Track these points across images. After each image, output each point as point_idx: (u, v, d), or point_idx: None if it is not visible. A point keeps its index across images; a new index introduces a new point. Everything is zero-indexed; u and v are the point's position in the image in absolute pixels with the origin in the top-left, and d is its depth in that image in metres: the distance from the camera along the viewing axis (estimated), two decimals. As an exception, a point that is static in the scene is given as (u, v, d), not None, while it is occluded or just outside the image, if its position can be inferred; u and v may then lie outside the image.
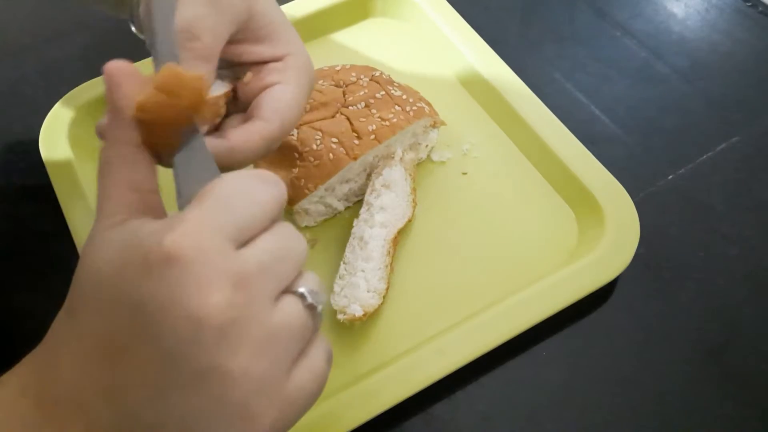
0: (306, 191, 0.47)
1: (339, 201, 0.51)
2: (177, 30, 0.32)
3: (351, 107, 0.50)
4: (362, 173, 0.51)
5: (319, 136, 0.48)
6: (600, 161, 0.51)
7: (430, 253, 0.50)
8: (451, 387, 0.44)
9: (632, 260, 0.47)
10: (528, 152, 0.54)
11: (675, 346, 0.46)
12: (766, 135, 0.56)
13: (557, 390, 0.44)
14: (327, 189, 0.49)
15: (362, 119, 0.50)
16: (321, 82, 0.52)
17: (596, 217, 0.49)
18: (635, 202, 0.49)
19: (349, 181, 0.51)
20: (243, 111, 0.38)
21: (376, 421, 0.41)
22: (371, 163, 0.51)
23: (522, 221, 0.51)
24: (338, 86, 0.52)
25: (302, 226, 0.51)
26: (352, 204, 0.53)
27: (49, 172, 0.52)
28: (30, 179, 0.55)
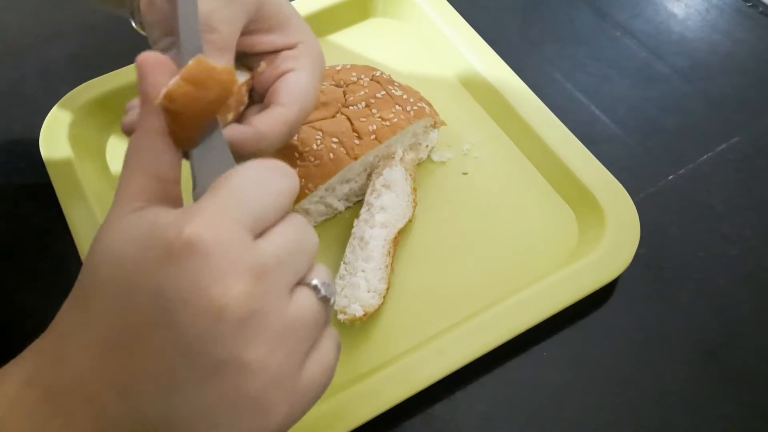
0: (306, 191, 0.47)
1: (339, 201, 0.51)
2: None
3: (351, 107, 0.50)
4: (362, 173, 0.51)
5: (320, 136, 0.48)
6: (600, 161, 0.52)
7: (430, 253, 0.50)
8: (451, 387, 0.44)
9: (632, 260, 0.47)
10: (528, 152, 0.54)
11: (675, 346, 0.46)
12: (766, 135, 0.56)
13: (557, 390, 0.44)
14: (327, 189, 0.49)
15: (363, 119, 0.50)
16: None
17: (596, 217, 0.49)
18: (635, 202, 0.49)
19: (350, 181, 0.51)
20: (259, 101, 0.38)
21: (376, 421, 0.41)
22: (372, 163, 0.51)
23: (522, 221, 0.51)
24: (339, 86, 0.52)
25: (302, 226, 0.51)
26: (353, 204, 0.53)
27: (49, 172, 0.52)
28: (30, 179, 0.55)
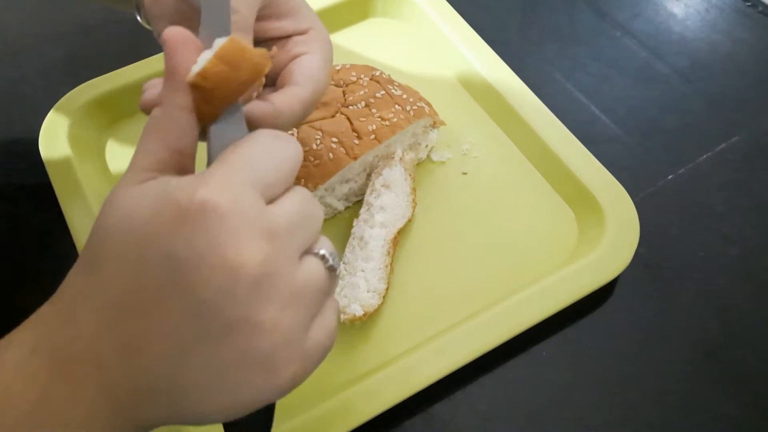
0: (306, 191, 0.47)
1: (339, 201, 0.51)
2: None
3: (351, 107, 0.50)
4: (362, 173, 0.51)
5: (319, 136, 0.48)
6: (600, 161, 0.51)
7: (430, 253, 0.50)
8: (451, 387, 0.44)
9: (632, 260, 0.47)
10: (528, 152, 0.54)
11: (675, 346, 0.46)
12: (766, 135, 0.56)
13: (557, 390, 0.44)
14: (327, 189, 0.49)
15: (362, 119, 0.50)
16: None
17: (596, 217, 0.49)
18: (635, 202, 0.49)
19: (349, 181, 0.51)
20: (270, 85, 0.39)
21: (376, 421, 0.41)
22: (371, 163, 0.51)
23: (522, 221, 0.51)
24: (338, 86, 0.52)
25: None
26: (352, 204, 0.53)
27: (49, 172, 0.52)
28: (30, 179, 0.55)
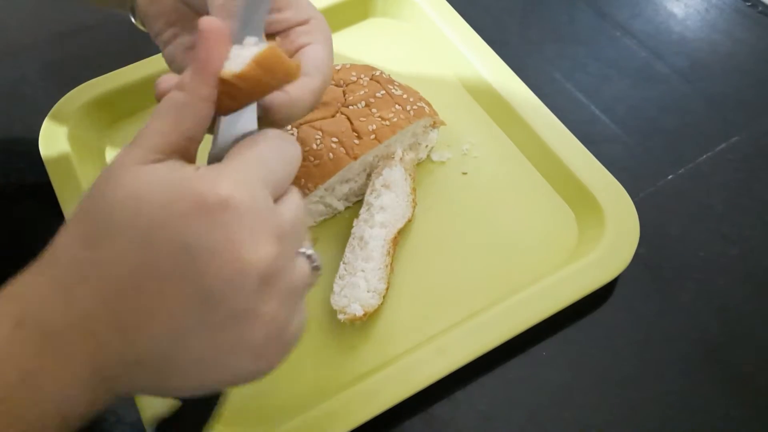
0: (306, 191, 0.47)
1: (339, 201, 0.51)
2: (222, 2, 0.34)
3: (351, 107, 0.50)
4: (362, 173, 0.51)
5: (319, 136, 0.48)
6: (600, 161, 0.51)
7: (430, 253, 0.50)
8: (451, 387, 0.44)
9: (632, 260, 0.47)
10: (528, 152, 0.54)
11: (675, 346, 0.46)
12: (766, 135, 0.56)
13: (557, 390, 0.44)
14: (327, 189, 0.49)
15: (362, 119, 0.50)
16: (321, 82, 0.52)
17: (596, 217, 0.49)
18: (635, 202, 0.49)
19: (349, 181, 0.51)
20: None
21: (376, 421, 0.41)
22: (371, 163, 0.51)
23: (522, 221, 0.51)
24: (338, 86, 0.52)
25: (302, 226, 0.51)
26: (352, 204, 0.53)
27: (49, 172, 0.52)
28: (30, 179, 0.55)
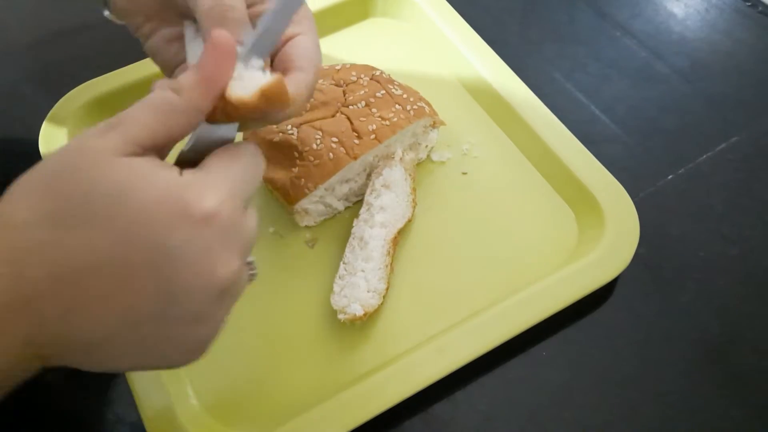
0: (306, 191, 0.47)
1: (339, 201, 0.51)
2: (210, 7, 0.34)
3: (351, 106, 0.50)
4: (362, 173, 0.51)
5: (319, 136, 0.48)
6: (600, 161, 0.51)
7: (430, 253, 0.50)
8: (451, 387, 0.44)
9: (632, 260, 0.47)
10: (528, 152, 0.54)
11: (675, 346, 0.46)
12: (766, 135, 0.56)
13: (557, 390, 0.44)
14: (327, 189, 0.49)
15: (362, 119, 0.50)
16: (321, 81, 0.52)
17: (596, 217, 0.49)
18: (635, 202, 0.49)
19: (349, 181, 0.51)
20: None
21: (376, 421, 0.41)
22: (371, 163, 0.51)
23: (522, 221, 0.51)
24: (338, 85, 0.52)
25: (302, 226, 0.51)
26: (352, 204, 0.53)
27: (49, 172, 0.52)
28: (30, 179, 0.55)
